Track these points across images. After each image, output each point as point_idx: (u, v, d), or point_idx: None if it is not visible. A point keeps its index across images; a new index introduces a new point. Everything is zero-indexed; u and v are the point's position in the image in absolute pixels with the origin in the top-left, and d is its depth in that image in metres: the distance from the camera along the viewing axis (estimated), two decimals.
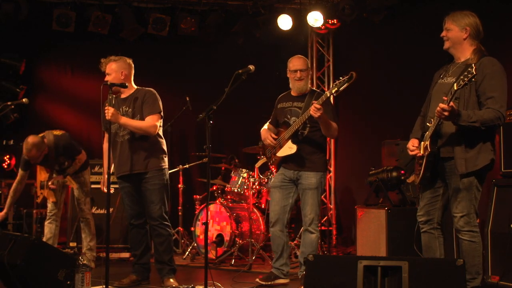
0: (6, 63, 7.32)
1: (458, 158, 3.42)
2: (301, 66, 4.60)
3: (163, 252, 4.52)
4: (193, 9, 7.33)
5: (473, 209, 3.46)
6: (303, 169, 4.55)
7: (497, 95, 3.38)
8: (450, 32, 3.57)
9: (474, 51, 3.53)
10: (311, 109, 4.18)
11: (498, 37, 5.12)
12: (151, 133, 4.45)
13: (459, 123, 3.34)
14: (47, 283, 3.76)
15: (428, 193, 3.66)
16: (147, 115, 4.45)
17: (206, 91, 6.97)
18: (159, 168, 4.50)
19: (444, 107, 3.25)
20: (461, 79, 3.23)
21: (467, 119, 3.32)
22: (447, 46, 3.62)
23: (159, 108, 4.49)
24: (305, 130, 4.53)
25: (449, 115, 3.28)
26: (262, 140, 4.78)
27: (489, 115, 3.34)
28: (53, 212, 5.53)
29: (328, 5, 7.01)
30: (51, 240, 5.49)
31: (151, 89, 4.60)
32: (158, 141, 4.54)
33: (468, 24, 3.53)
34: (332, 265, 3.03)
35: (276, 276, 4.68)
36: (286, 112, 4.67)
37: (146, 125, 4.44)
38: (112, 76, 4.51)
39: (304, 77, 4.60)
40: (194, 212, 6.47)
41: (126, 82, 4.51)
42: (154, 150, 4.50)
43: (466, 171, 3.40)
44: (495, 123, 3.37)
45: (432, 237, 3.66)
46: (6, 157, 7.12)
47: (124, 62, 4.59)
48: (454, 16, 3.57)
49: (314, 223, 4.55)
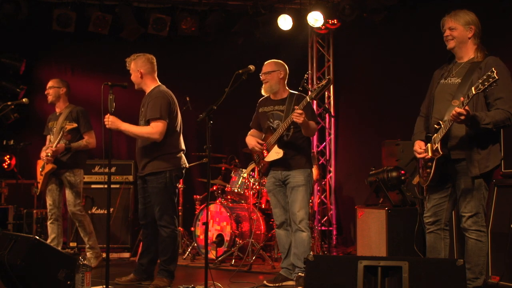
0: (6, 63, 7.32)
1: (471, 160, 3.41)
2: (264, 70, 4.74)
3: (160, 253, 4.53)
4: (193, 9, 7.34)
5: (482, 209, 3.46)
6: (289, 169, 4.60)
7: (505, 95, 3.37)
8: (454, 31, 3.53)
9: (477, 50, 3.52)
10: (294, 116, 4.29)
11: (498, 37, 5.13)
12: (155, 140, 4.41)
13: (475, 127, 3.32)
14: (47, 283, 3.76)
15: (436, 194, 3.64)
16: (150, 121, 4.41)
17: (206, 91, 6.98)
18: (158, 171, 4.45)
19: (461, 111, 3.21)
20: (480, 83, 3.16)
21: (481, 121, 3.31)
22: (452, 45, 3.57)
23: (160, 112, 4.38)
24: (289, 131, 4.60)
25: (465, 119, 3.25)
26: (250, 148, 4.82)
27: (500, 116, 3.33)
28: (52, 211, 5.47)
29: (328, 5, 7.01)
30: (56, 239, 5.43)
31: (160, 90, 4.54)
32: (162, 142, 4.45)
33: (472, 22, 3.51)
34: (332, 265, 3.03)
35: (284, 278, 4.65)
36: (269, 116, 4.74)
37: (147, 131, 4.41)
38: (133, 74, 4.55)
39: (269, 79, 4.71)
40: (194, 212, 6.47)
41: (146, 80, 4.55)
42: (156, 151, 4.46)
43: (479, 172, 3.39)
44: (505, 124, 3.36)
45: (438, 238, 3.64)
46: (6, 157, 7.12)
47: (142, 59, 4.57)
48: (456, 15, 3.54)
49: (305, 221, 4.53)
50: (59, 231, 5.45)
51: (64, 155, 5.40)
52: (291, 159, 4.59)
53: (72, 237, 6.38)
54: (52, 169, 5.36)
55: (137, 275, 4.62)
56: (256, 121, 4.93)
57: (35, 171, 5.78)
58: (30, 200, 7.04)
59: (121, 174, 6.62)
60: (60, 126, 5.33)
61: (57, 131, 5.34)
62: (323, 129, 7.86)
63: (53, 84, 5.55)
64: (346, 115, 7.77)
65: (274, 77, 4.71)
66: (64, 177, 5.44)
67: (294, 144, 4.62)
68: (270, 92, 4.77)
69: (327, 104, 7.84)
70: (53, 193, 5.49)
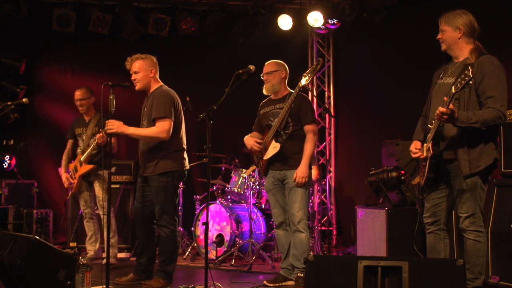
0: (6, 63, 7.32)
1: (461, 160, 3.42)
2: (266, 70, 4.77)
3: (159, 253, 4.53)
4: (193, 9, 7.34)
5: (478, 209, 3.46)
6: (288, 168, 4.59)
7: (497, 94, 3.37)
8: (444, 34, 3.59)
9: (472, 50, 3.53)
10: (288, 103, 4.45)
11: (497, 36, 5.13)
12: (163, 139, 4.39)
13: (459, 125, 3.34)
14: (47, 283, 3.76)
15: (433, 194, 3.65)
16: (156, 120, 4.40)
17: (206, 91, 6.97)
18: (159, 173, 4.44)
19: (443, 110, 3.25)
20: (459, 82, 3.22)
21: (466, 120, 3.32)
22: (444, 48, 3.64)
23: (165, 111, 4.37)
24: (288, 129, 4.59)
25: (448, 118, 3.28)
26: (249, 148, 4.81)
27: (490, 115, 3.34)
28: (86, 211, 5.68)
29: (328, 5, 7.01)
30: (93, 236, 5.67)
31: (164, 89, 4.54)
32: (165, 143, 4.44)
33: (461, 23, 3.53)
34: (332, 265, 3.03)
35: (284, 278, 4.65)
36: (269, 115, 4.75)
37: (155, 131, 4.38)
38: (141, 74, 4.51)
39: (270, 79, 4.74)
40: (194, 212, 6.47)
41: (153, 80, 4.55)
42: (163, 150, 4.44)
43: (469, 172, 3.40)
44: (496, 123, 3.37)
45: (438, 238, 3.65)
46: (6, 157, 7.13)
47: (152, 59, 4.58)
48: (447, 17, 3.59)
49: (303, 222, 4.52)
50: (95, 228, 5.68)
51: (96, 156, 5.53)
52: (290, 157, 4.59)
53: (72, 237, 6.38)
54: (92, 169, 5.50)
55: (136, 275, 4.62)
56: (258, 124, 4.94)
57: (35, 171, 5.79)
58: (30, 200, 7.05)
59: (121, 174, 6.63)
60: (92, 132, 5.55)
61: (89, 136, 5.55)
62: (323, 129, 7.86)
63: (83, 95, 5.63)
64: (346, 115, 7.76)
65: (275, 77, 4.72)
66: (95, 176, 5.56)
67: (293, 141, 4.60)
68: (271, 92, 4.78)
69: (327, 104, 7.84)
70: (84, 193, 5.66)
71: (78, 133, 5.69)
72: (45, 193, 7.56)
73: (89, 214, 5.67)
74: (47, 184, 7.61)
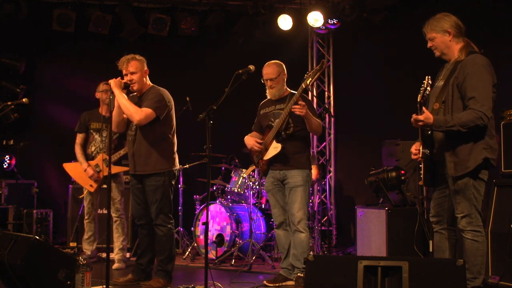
0: (6, 63, 7.33)
1: (447, 162, 3.46)
2: (270, 75, 4.70)
3: (158, 252, 4.52)
4: (193, 9, 7.34)
5: (474, 209, 3.46)
6: (288, 168, 4.59)
7: (476, 95, 3.36)
8: (435, 41, 3.59)
9: (461, 48, 3.55)
10: (296, 108, 4.30)
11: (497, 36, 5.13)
12: (135, 121, 4.33)
13: (436, 130, 3.40)
14: (47, 283, 3.76)
15: (436, 194, 3.68)
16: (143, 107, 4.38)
17: (206, 91, 6.97)
18: (157, 172, 4.44)
19: (417, 117, 3.31)
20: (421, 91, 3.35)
21: (444, 124, 3.35)
22: (437, 54, 3.65)
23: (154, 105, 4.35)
24: (289, 130, 4.58)
25: (424, 124, 3.35)
26: (249, 148, 4.80)
27: (468, 117, 3.34)
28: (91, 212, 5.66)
29: (328, 5, 7.01)
30: (92, 237, 5.66)
31: (158, 88, 4.53)
32: (162, 142, 4.46)
33: (448, 26, 3.54)
34: (332, 265, 3.03)
35: (284, 278, 4.65)
36: (270, 116, 4.74)
37: (134, 109, 4.31)
38: (138, 75, 4.47)
39: (275, 85, 4.71)
40: (194, 212, 6.47)
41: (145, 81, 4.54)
42: (155, 151, 4.44)
43: (456, 174, 3.42)
44: (476, 123, 3.34)
45: (443, 238, 3.66)
46: (6, 157, 7.13)
47: (143, 60, 4.57)
48: (431, 24, 3.60)
49: (303, 222, 4.52)
50: (95, 229, 5.67)
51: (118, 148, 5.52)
52: (290, 157, 4.59)
53: (72, 237, 6.38)
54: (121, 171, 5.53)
55: (135, 275, 4.62)
56: (257, 124, 4.93)
57: (35, 171, 5.78)
58: (30, 200, 7.05)
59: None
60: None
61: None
62: (323, 129, 7.85)
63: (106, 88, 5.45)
64: (346, 115, 7.76)
65: (279, 82, 4.72)
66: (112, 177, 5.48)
67: (294, 142, 4.60)
68: (277, 97, 4.75)
69: (327, 104, 7.84)
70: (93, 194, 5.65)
71: (95, 128, 5.60)
72: (45, 193, 7.55)
73: (93, 216, 5.65)
74: (47, 184, 7.60)
